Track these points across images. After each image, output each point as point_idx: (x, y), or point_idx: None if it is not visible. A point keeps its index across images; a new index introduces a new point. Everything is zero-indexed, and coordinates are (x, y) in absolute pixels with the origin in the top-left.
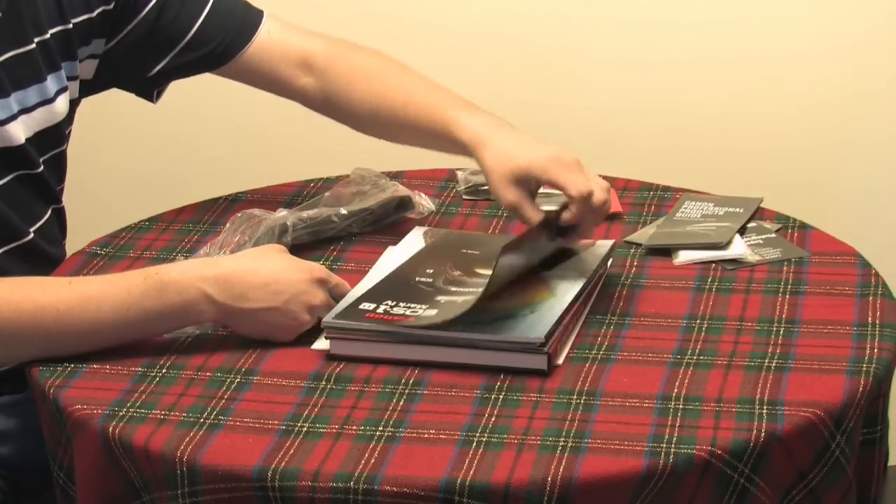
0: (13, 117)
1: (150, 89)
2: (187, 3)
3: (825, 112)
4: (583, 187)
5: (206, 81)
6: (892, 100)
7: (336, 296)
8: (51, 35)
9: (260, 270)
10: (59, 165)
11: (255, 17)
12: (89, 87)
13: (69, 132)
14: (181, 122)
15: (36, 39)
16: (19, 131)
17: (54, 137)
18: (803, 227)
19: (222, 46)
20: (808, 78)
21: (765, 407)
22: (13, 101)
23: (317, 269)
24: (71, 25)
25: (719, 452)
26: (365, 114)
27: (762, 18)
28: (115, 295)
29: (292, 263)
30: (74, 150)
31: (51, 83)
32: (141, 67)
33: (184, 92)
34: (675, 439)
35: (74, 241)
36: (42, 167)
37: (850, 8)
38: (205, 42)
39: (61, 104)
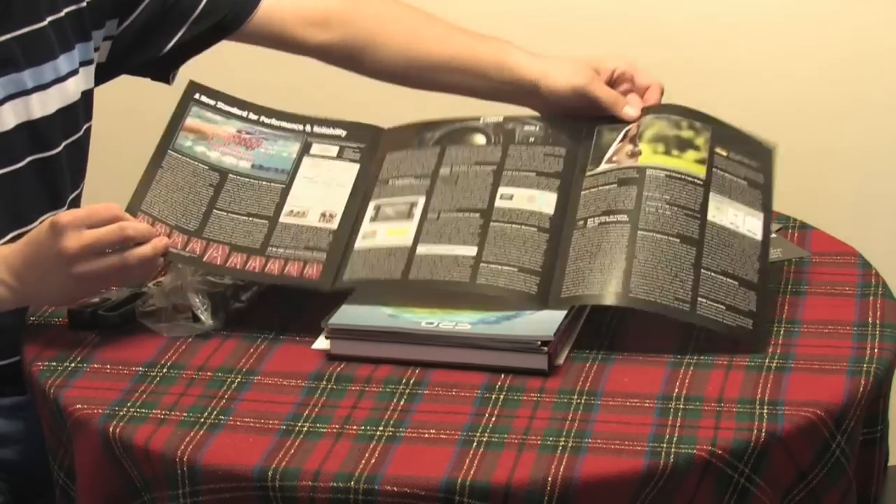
0: (28, 92)
1: (164, 70)
2: None
3: (825, 112)
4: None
5: (211, 81)
6: (892, 100)
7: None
8: (65, 14)
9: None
10: (77, 156)
11: None
12: (103, 72)
13: (88, 127)
14: None
15: (49, 18)
16: (35, 107)
17: (71, 121)
18: (803, 227)
19: (232, 14)
20: (809, 78)
21: (765, 407)
22: (27, 77)
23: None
24: (84, 4)
25: (720, 452)
26: (397, 60)
27: (762, 18)
28: None
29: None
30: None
31: (63, 62)
32: (154, 46)
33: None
34: (675, 439)
35: None
36: (61, 149)
37: (850, 9)
38: (215, 11)
39: (72, 86)
